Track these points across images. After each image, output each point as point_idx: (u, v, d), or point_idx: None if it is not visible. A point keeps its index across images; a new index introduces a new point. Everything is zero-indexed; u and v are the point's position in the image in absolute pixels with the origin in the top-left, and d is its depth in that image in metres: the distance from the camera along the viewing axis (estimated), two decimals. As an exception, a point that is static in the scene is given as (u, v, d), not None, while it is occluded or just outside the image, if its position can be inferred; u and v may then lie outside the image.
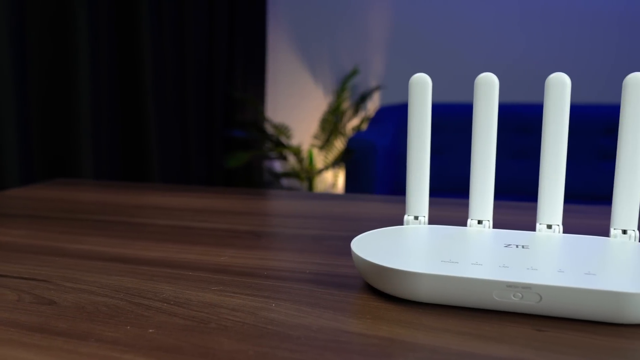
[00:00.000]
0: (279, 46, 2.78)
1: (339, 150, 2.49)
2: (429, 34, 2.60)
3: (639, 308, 0.29)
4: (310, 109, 2.75)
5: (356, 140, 2.08)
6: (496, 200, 0.70)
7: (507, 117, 2.25)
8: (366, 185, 2.02)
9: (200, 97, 2.29)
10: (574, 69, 2.43)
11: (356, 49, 2.69)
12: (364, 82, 2.68)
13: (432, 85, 0.41)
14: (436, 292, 0.32)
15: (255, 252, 0.45)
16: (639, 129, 0.37)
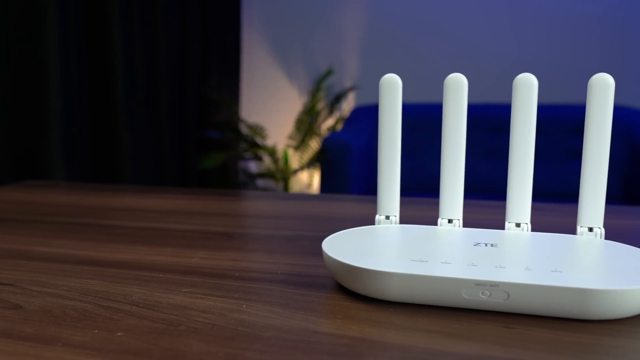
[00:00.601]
0: (254, 46, 2.77)
1: (314, 150, 2.49)
2: (403, 34, 2.62)
3: (603, 304, 0.29)
4: (285, 109, 2.74)
5: (331, 140, 2.08)
6: (469, 199, 0.71)
7: (481, 117, 2.28)
8: (341, 185, 2.02)
9: (173, 98, 2.27)
10: (546, 70, 2.47)
11: (331, 49, 2.69)
12: (339, 82, 2.69)
13: (407, 86, 0.41)
14: (406, 291, 0.32)
15: (227, 253, 0.45)
16: (604, 129, 0.37)
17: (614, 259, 0.35)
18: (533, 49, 2.51)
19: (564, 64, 2.48)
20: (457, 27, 2.57)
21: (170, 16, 2.22)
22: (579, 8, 2.47)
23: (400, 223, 0.43)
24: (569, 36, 2.49)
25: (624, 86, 2.45)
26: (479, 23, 2.56)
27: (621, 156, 2.20)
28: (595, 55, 2.48)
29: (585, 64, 2.46)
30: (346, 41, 2.68)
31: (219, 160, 2.23)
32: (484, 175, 2.10)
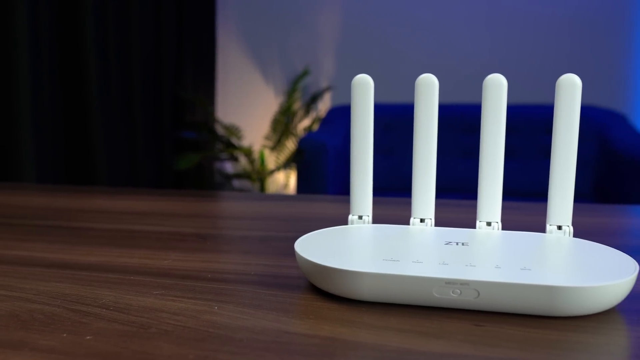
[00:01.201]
0: (229, 46, 2.75)
1: (290, 150, 2.49)
2: (379, 35, 2.63)
3: (571, 301, 0.30)
4: (261, 109, 2.74)
5: (307, 140, 2.08)
6: (442, 199, 0.72)
7: (456, 117, 2.30)
8: (318, 185, 2.03)
9: (148, 98, 2.25)
10: (520, 70, 2.50)
11: (307, 49, 2.70)
12: (315, 82, 2.69)
13: (384, 86, 0.42)
14: (378, 291, 0.32)
15: (199, 254, 0.45)
16: (572, 128, 0.38)
17: (582, 256, 0.36)
18: (508, 49, 2.55)
19: (537, 64, 2.52)
20: (434, 28, 2.59)
21: (144, 16, 2.20)
22: (552, 10, 2.51)
23: (374, 223, 0.43)
24: (542, 37, 2.53)
25: (595, 87, 2.50)
26: (455, 23, 2.58)
27: (592, 155, 2.24)
28: (568, 57, 2.52)
29: (558, 65, 2.50)
30: (322, 41, 2.68)
31: (194, 161, 2.22)
32: (459, 174, 2.12)
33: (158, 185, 2.34)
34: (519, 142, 2.28)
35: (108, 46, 1.98)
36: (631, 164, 1.95)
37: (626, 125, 2.23)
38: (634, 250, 0.48)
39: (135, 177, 2.18)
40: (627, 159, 2.00)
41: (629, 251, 0.42)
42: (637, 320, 0.32)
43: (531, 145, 2.27)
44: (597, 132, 2.24)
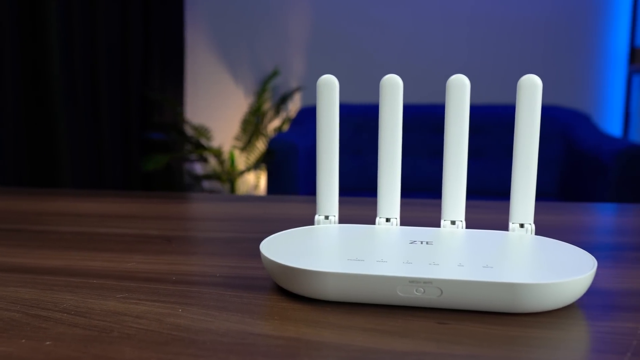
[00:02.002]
0: (198, 46, 2.73)
1: (260, 151, 2.48)
2: (349, 35, 2.64)
3: (531, 298, 0.30)
4: (231, 110, 2.72)
5: (277, 141, 2.08)
6: (413, 198, 0.72)
7: (425, 117, 2.32)
8: (288, 186, 2.02)
9: (114, 98, 2.22)
10: (487, 71, 2.54)
11: (276, 49, 2.69)
12: (285, 83, 2.69)
13: (354, 87, 0.42)
14: (343, 290, 0.32)
15: (164, 257, 0.44)
16: (533, 128, 0.39)
17: (543, 253, 0.36)
18: (476, 51, 2.58)
19: (503, 65, 2.56)
20: (404, 29, 2.61)
21: (110, 14, 2.17)
22: (518, 12, 2.55)
23: (340, 223, 0.44)
24: (508, 39, 2.57)
25: (560, 87, 2.55)
26: (424, 24, 2.60)
27: (557, 155, 2.29)
28: (533, 58, 2.57)
29: (524, 66, 2.54)
30: (292, 42, 2.68)
31: (162, 162, 2.19)
32: (429, 174, 2.14)
33: (125, 187, 2.31)
34: (486, 142, 2.31)
35: (72, 45, 1.94)
36: (594, 163, 2.00)
37: (590, 125, 2.28)
38: (594, 247, 0.49)
39: (101, 179, 2.14)
40: (590, 158, 2.05)
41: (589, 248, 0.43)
42: (596, 315, 0.32)
43: (498, 144, 2.30)
44: (562, 132, 2.28)
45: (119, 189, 2.26)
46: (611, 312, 0.33)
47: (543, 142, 1.98)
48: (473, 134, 1.92)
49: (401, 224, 0.44)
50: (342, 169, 1.80)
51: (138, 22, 2.36)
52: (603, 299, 0.35)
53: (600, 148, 1.99)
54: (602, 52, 2.57)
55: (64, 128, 1.84)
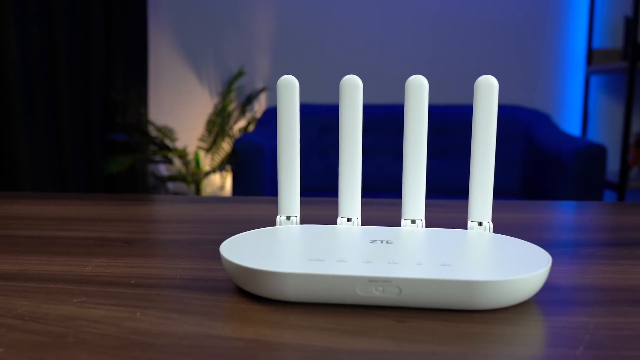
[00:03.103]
0: (162, 46, 2.70)
1: (226, 152, 2.46)
2: (314, 36, 2.64)
3: (488, 295, 0.31)
4: (196, 110, 2.70)
5: (243, 141, 2.07)
6: (375, 198, 0.73)
7: (390, 118, 2.34)
8: (254, 186, 2.02)
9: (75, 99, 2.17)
10: (451, 73, 2.57)
11: (241, 49, 2.68)
12: (251, 83, 2.68)
13: (319, 87, 0.42)
14: (303, 291, 0.32)
15: (124, 260, 0.43)
16: (490, 127, 0.39)
17: (500, 251, 0.37)
18: (441, 53, 2.61)
19: (467, 67, 2.59)
20: (368, 30, 2.63)
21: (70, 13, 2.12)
22: (481, 14, 2.59)
23: (302, 223, 0.44)
24: (473, 40, 2.61)
25: (522, 88, 2.60)
26: (389, 26, 2.62)
27: (519, 153, 2.33)
28: (495, 59, 2.61)
29: (486, 67, 2.59)
30: (257, 42, 2.67)
31: (125, 164, 2.16)
32: (393, 174, 2.16)
33: (88, 189, 2.27)
34: (450, 142, 2.34)
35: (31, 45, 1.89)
36: (554, 161, 2.04)
37: (550, 125, 2.33)
38: (551, 244, 0.50)
39: (63, 181, 2.10)
40: (550, 156, 2.09)
41: (546, 245, 0.44)
42: (552, 310, 0.33)
43: (463, 144, 2.33)
44: (523, 132, 2.33)
45: (82, 191, 2.21)
46: (566, 308, 0.34)
47: (505, 141, 2.04)
48: (438, 134, 1.98)
49: (363, 224, 0.44)
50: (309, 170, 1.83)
51: (100, 22, 2.32)
52: (559, 295, 0.36)
53: (560, 147, 2.04)
54: (561, 54, 2.63)
55: (23, 130, 1.80)
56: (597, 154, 1.93)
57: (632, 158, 2.46)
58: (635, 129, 2.55)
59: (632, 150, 2.46)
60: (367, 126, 2.33)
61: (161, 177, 2.56)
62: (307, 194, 2.39)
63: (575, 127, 2.65)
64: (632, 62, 2.25)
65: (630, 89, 2.26)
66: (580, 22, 2.60)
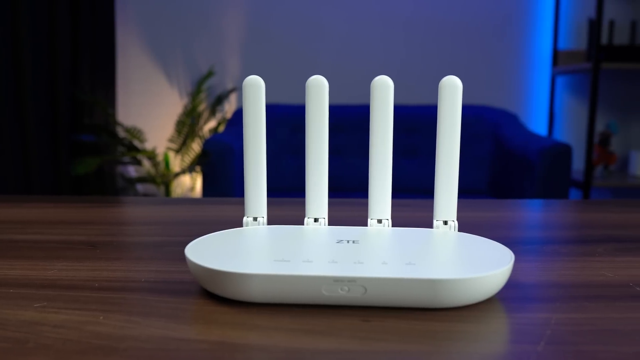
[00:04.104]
0: (130, 46, 2.66)
1: (196, 153, 2.44)
2: (284, 36, 2.64)
3: (452, 293, 0.31)
4: (165, 111, 2.67)
5: (213, 142, 2.05)
6: (343, 198, 0.73)
7: (362, 118, 2.35)
8: (225, 187, 2.00)
9: (40, 100, 2.13)
10: (422, 73, 2.60)
11: (211, 50, 2.66)
12: (221, 83, 2.66)
13: (290, 88, 0.42)
14: (269, 292, 0.32)
15: (88, 263, 0.43)
16: (454, 127, 0.40)
17: (464, 249, 0.37)
18: (413, 54, 2.63)
19: (438, 67, 2.62)
20: (339, 30, 2.64)
21: (35, 13, 2.08)
22: (450, 15, 2.62)
23: (269, 224, 0.43)
24: (442, 42, 2.64)
25: (490, 88, 2.64)
26: (360, 26, 2.63)
27: (487, 153, 2.36)
28: (464, 60, 2.64)
29: (455, 67, 2.62)
30: (227, 42, 2.66)
31: (93, 166, 2.12)
32: (364, 174, 2.16)
33: (54, 191, 2.22)
34: (421, 141, 2.36)
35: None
36: (522, 160, 2.08)
37: (517, 125, 2.37)
38: (516, 242, 0.51)
39: (28, 184, 2.05)
40: (518, 156, 2.13)
41: (511, 243, 0.45)
42: (515, 307, 0.34)
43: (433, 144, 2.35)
44: (491, 131, 2.36)
45: (48, 194, 2.17)
46: (528, 304, 0.34)
47: (474, 141, 2.06)
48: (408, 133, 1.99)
49: (331, 224, 0.44)
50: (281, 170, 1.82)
51: (66, 22, 2.28)
52: (522, 292, 0.37)
53: (527, 146, 2.08)
54: (528, 55, 2.67)
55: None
56: (563, 153, 1.97)
57: (596, 157, 2.52)
58: (599, 129, 2.61)
59: (597, 149, 2.52)
60: (338, 126, 2.34)
61: (130, 178, 2.52)
62: (280, 194, 2.38)
63: (542, 127, 2.70)
64: (596, 63, 2.30)
65: (594, 89, 2.31)
66: (546, 24, 2.65)
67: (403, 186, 2.22)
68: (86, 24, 2.41)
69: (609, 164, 2.55)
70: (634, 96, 2.70)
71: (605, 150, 2.53)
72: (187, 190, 2.65)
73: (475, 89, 2.61)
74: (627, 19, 2.61)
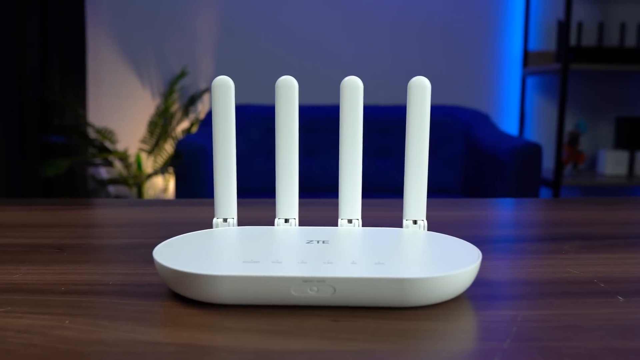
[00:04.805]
0: (101, 45, 2.63)
1: (168, 154, 2.42)
2: (257, 36, 2.63)
3: (420, 291, 0.32)
4: (137, 112, 2.64)
5: (185, 143, 2.04)
6: (314, 198, 0.73)
7: (336, 118, 2.35)
8: (198, 188, 1.99)
9: (9, 100, 2.09)
10: (394, 74, 2.61)
11: (184, 50, 2.63)
12: (194, 84, 2.64)
13: (264, 89, 0.41)
14: (238, 293, 0.32)
15: (54, 266, 0.42)
16: (423, 127, 0.40)
17: (433, 248, 0.38)
18: (385, 54, 2.64)
19: (410, 68, 2.64)
20: (311, 31, 2.64)
21: (2, 12, 2.04)
22: (423, 16, 2.64)
23: (240, 225, 0.43)
24: (415, 42, 2.65)
25: (462, 89, 2.67)
26: (332, 28, 2.64)
27: (459, 153, 2.39)
28: (437, 61, 2.67)
29: (428, 68, 2.64)
30: (200, 42, 2.64)
31: (63, 167, 2.08)
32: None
33: (23, 194, 2.18)
34: (394, 142, 2.37)
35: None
36: (493, 160, 2.10)
37: (489, 125, 2.40)
38: (484, 240, 0.51)
39: (-4, 186, 2.01)
40: (490, 155, 2.15)
41: (479, 241, 0.45)
42: (483, 305, 0.34)
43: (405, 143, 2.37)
44: (464, 131, 2.39)
45: (17, 196, 2.13)
46: (496, 302, 0.35)
47: (446, 141, 2.07)
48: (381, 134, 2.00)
49: (302, 224, 0.44)
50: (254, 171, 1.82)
51: (34, 20, 2.24)
52: (490, 290, 0.37)
53: (498, 146, 2.10)
54: (499, 56, 2.71)
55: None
56: (533, 152, 2.00)
57: (565, 156, 2.56)
58: (568, 128, 2.65)
59: (566, 148, 2.56)
60: (311, 127, 2.35)
61: (101, 180, 2.49)
62: (253, 195, 2.36)
63: (513, 127, 2.74)
64: (565, 64, 2.34)
65: (564, 90, 2.35)
66: (517, 25, 2.69)
67: (377, 186, 2.23)
68: (55, 24, 2.37)
69: (578, 162, 2.59)
70: (601, 96, 2.76)
71: (574, 150, 2.57)
72: (159, 191, 2.63)
73: (447, 90, 2.63)
74: (594, 20, 2.66)
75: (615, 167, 2.59)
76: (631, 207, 0.70)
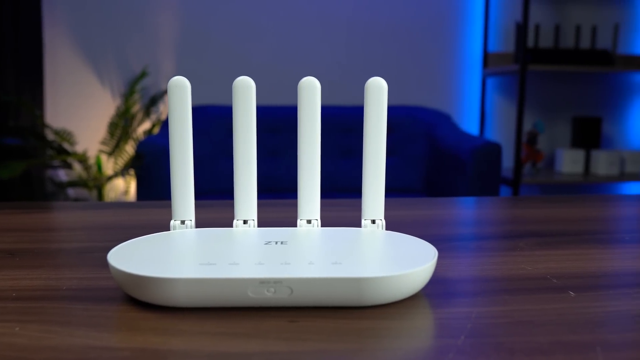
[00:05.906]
0: (59, 45, 2.57)
1: (129, 155, 2.38)
2: (219, 36, 2.61)
3: (377, 290, 0.32)
4: (97, 112, 2.59)
5: (147, 144, 2.01)
6: (276, 199, 0.73)
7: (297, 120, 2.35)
8: (160, 190, 1.96)
9: (-39, 101, 2.02)
10: (356, 74, 2.62)
11: (145, 50, 2.60)
12: (155, 84, 2.60)
13: (223, 88, 0.41)
14: (194, 296, 0.32)
15: (5, 272, 0.41)
16: (380, 128, 0.40)
17: (391, 247, 0.38)
18: (347, 55, 2.66)
19: (373, 68, 2.66)
20: (274, 31, 2.63)
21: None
22: (385, 17, 2.66)
23: (198, 227, 0.43)
24: (378, 44, 2.67)
25: (424, 89, 2.70)
26: (295, 27, 2.64)
27: (422, 152, 2.41)
28: (399, 62, 2.69)
29: (390, 69, 2.66)
30: (161, 42, 2.60)
31: (18, 170, 2.03)
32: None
33: (-22, 197, 2.12)
34: (356, 141, 2.38)
35: None
36: (455, 159, 2.14)
37: (450, 125, 2.43)
38: (441, 238, 0.52)
39: (-52, 189, 1.94)
40: (451, 155, 2.18)
41: (437, 240, 0.46)
42: (439, 302, 0.35)
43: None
44: (426, 131, 2.42)
45: (-30, 200, 2.06)
46: (451, 299, 0.35)
47: (408, 141, 2.10)
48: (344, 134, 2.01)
49: (261, 225, 0.44)
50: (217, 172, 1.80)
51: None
52: (445, 287, 0.37)
53: (460, 146, 2.14)
54: (460, 57, 2.75)
55: None
56: (493, 152, 2.04)
57: (524, 155, 2.62)
58: (527, 128, 2.71)
59: (525, 147, 2.62)
60: (273, 127, 2.34)
61: (60, 183, 2.43)
62: (215, 196, 2.34)
63: (474, 127, 2.78)
64: (523, 65, 2.40)
65: (522, 90, 2.41)
66: (476, 27, 2.73)
67: (340, 186, 2.23)
68: (10, 22, 2.31)
69: (537, 161, 2.65)
70: (558, 97, 2.83)
71: (533, 149, 2.63)
72: (120, 194, 2.58)
73: (409, 91, 2.66)
74: (551, 23, 2.73)
75: (572, 165, 2.66)
76: (586, 204, 0.72)
